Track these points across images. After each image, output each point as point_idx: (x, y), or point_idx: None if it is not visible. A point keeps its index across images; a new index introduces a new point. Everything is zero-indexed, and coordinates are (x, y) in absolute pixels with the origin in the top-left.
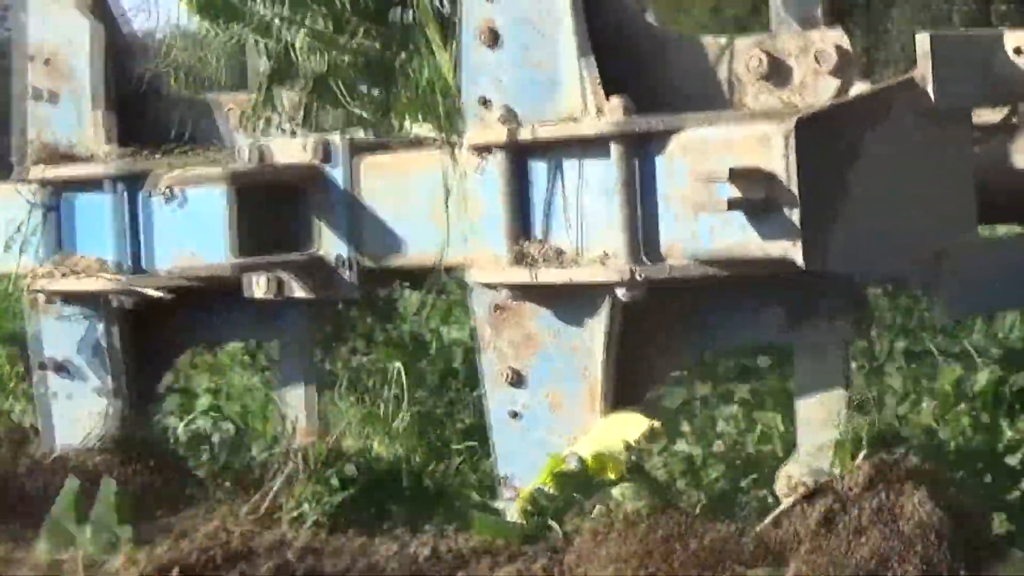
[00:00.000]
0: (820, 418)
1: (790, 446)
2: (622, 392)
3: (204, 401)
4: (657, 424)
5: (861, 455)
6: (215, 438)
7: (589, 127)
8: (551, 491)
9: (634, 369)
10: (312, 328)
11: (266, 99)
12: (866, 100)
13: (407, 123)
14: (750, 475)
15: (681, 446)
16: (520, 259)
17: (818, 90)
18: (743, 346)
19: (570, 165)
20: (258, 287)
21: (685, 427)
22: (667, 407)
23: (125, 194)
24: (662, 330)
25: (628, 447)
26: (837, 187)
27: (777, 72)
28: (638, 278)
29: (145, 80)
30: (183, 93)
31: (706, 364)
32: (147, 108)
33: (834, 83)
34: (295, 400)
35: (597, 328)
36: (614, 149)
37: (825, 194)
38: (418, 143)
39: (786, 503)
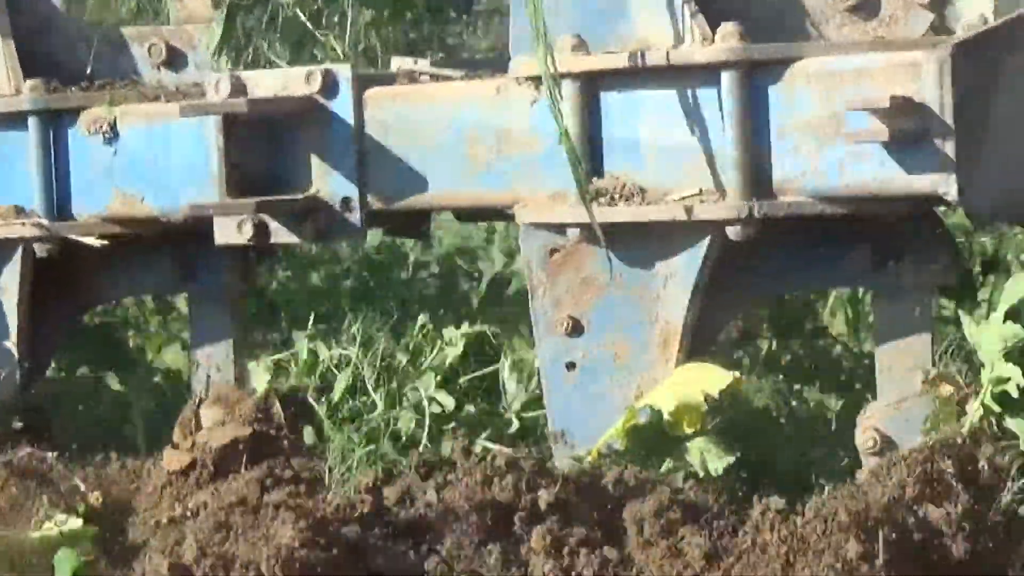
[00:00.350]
0: (904, 366)
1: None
2: None
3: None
4: (738, 375)
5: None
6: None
7: (697, 55)
8: (622, 446)
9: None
10: (232, 278)
11: (228, 31)
12: (1007, 28)
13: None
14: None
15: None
16: (595, 197)
17: (910, 23)
18: (822, 289)
19: (652, 96)
20: (240, 232)
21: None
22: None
23: (48, 132)
24: (734, 272)
25: (709, 400)
26: (982, 119)
27: (865, 4)
28: (756, 215)
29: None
30: (90, 26)
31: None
32: (41, 42)
33: (928, 16)
34: (211, 356)
35: (681, 270)
36: (727, 78)
37: (973, 126)
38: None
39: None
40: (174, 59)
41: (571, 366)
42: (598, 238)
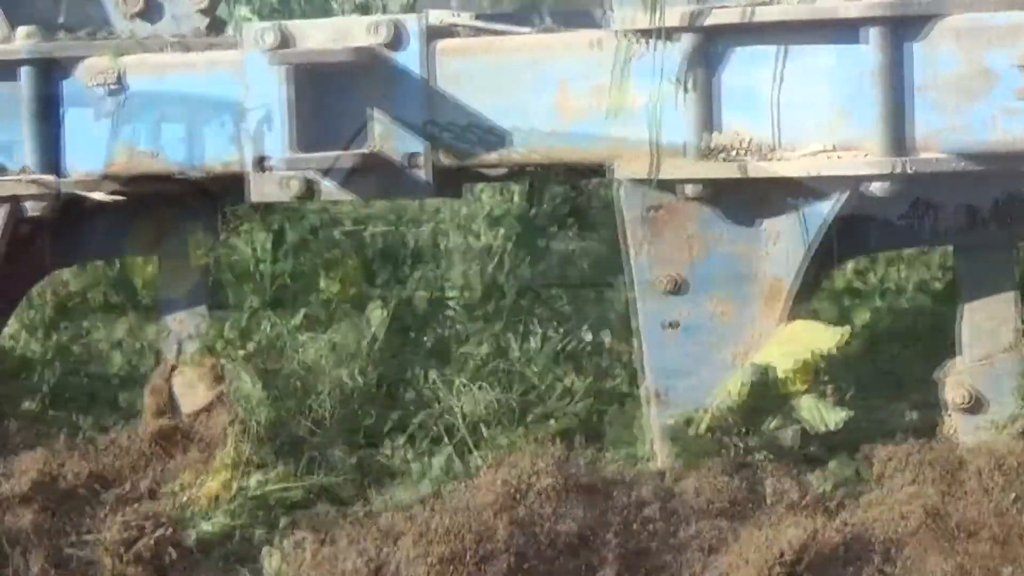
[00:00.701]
0: (991, 323)
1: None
2: None
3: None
4: (849, 331)
5: None
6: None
7: (846, 9)
8: (738, 404)
9: None
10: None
11: None
12: None
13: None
14: None
15: None
16: (713, 153)
17: None
18: (914, 247)
19: (778, 51)
20: (284, 189)
21: None
22: None
23: (43, 83)
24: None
25: (821, 357)
26: None
27: None
28: (906, 171)
29: None
30: None
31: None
32: None
33: None
34: (183, 322)
35: (798, 226)
36: (875, 34)
37: None
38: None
39: None
40: (150, 9)
41: (673, 324)
42: (708, 195)
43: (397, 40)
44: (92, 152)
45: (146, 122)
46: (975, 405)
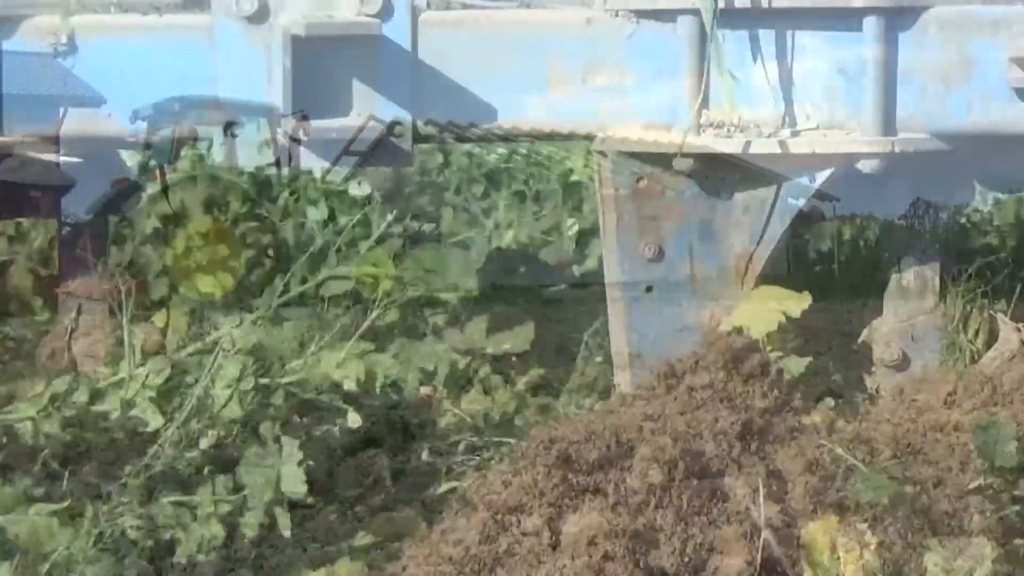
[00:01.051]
0: (915, 289)
1: None
2: None
3: None
4: (809, 296)
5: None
6: None
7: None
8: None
9: None
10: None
11: None
12: None
13: None
14: None
15: None
16: (706, 128)
17: None
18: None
19: (772, 35)
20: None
21: None
22: None
23: None
24: None
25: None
26: None
27: None
28: (895, 151)
29: None
30: None
31: None
32: None
33: None
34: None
35: (779, 200)
36: (872, 22)
37: None
38: None
39: None
40: None
41: (649, 289)
42: (697, 168)
43: (385, 11)
44: (36, 113)
45: (99, 84)
46: (901, 363)
